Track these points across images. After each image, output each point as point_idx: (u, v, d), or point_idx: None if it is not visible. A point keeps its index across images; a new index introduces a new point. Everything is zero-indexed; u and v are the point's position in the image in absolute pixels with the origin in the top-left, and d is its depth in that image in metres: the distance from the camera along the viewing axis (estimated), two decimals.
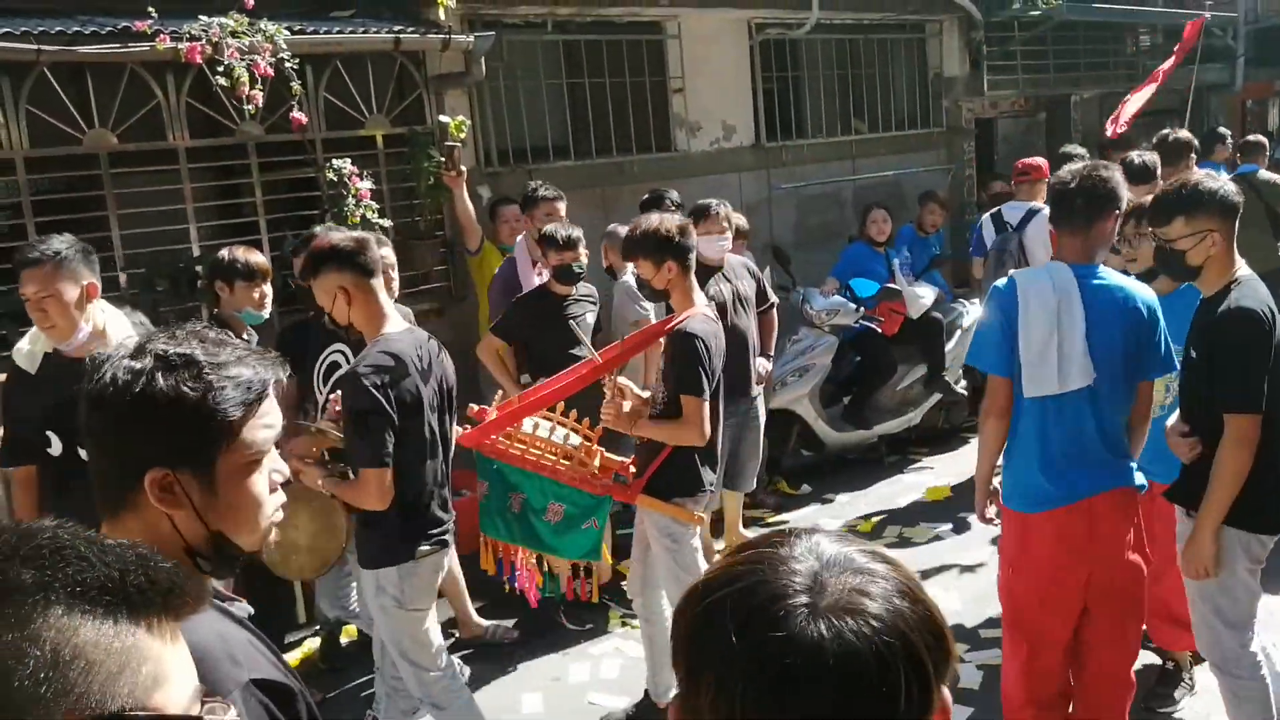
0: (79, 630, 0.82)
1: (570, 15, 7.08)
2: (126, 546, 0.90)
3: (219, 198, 6.15)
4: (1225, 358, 3.13)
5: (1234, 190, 3.21)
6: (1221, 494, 3.14)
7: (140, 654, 0.85)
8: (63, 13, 5.33)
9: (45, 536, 0.86)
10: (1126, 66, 11.38)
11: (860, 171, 9.12)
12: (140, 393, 1.41)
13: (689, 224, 4.04)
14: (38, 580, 0.82)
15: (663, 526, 4.00)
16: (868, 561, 0.96)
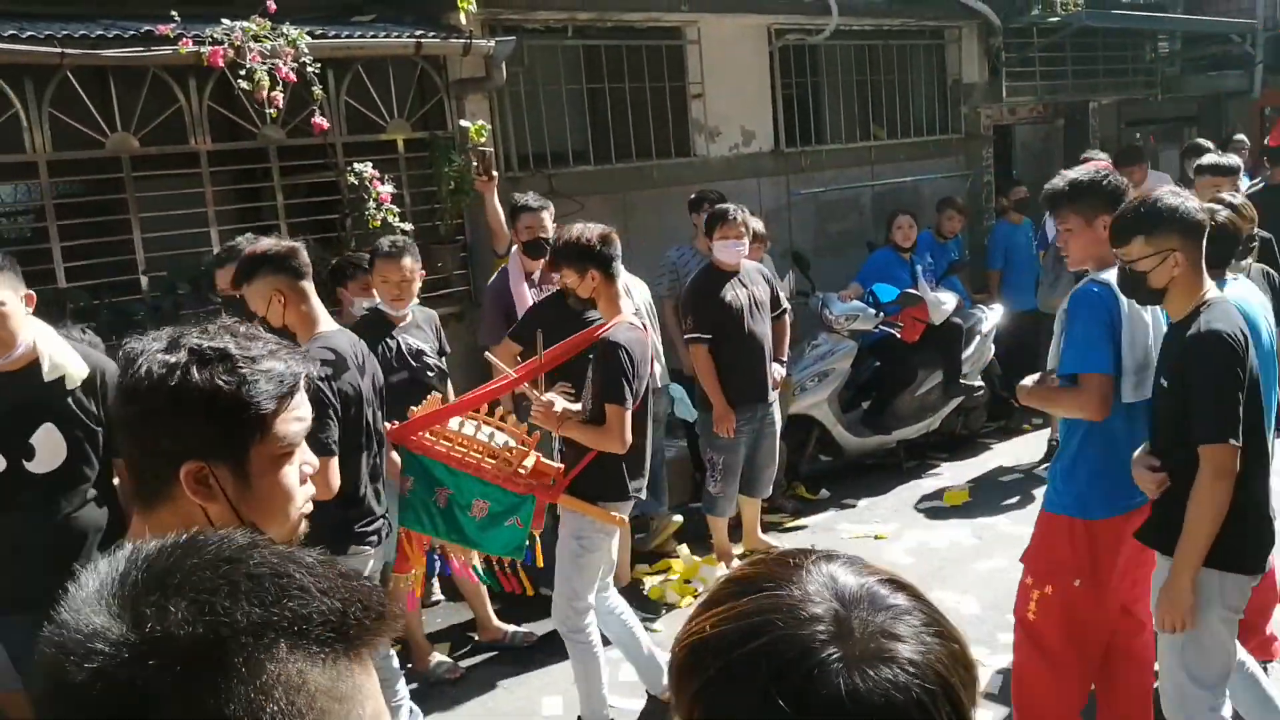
0: (308, 676, 0.74)
1: (590, 21, 7.09)
2: (335, 570, 0.81)
3: (240, 201, 6.17)
4: (1197, 385, 2.94)
5: (1197, 207, 3.04)
6: (1200, 533, 2.91)
7: (363, 694, 0.79)
8: (86, 16, 5.36)
9: (262, 566, 0.77)
10: (1145, 73, 11.33)
11: (879, 177, 9.10)
12: (176, 386, 1.43)
13: (611, 233, 4.09)
14: (264, 620, 0.74)
15: (576, 528, 4.06)
16: (889, 595, 0.89)
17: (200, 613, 0.71)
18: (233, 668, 0.70)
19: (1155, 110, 12.13)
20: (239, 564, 0.76)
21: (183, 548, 0.78)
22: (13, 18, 5.09)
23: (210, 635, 0.71)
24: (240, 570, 0.75)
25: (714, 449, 5.74)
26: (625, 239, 7.12)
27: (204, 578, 0.74)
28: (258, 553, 0.78)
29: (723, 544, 5.92)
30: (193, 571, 0.74)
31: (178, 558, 0.76)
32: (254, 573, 0.76)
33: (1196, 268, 3.02)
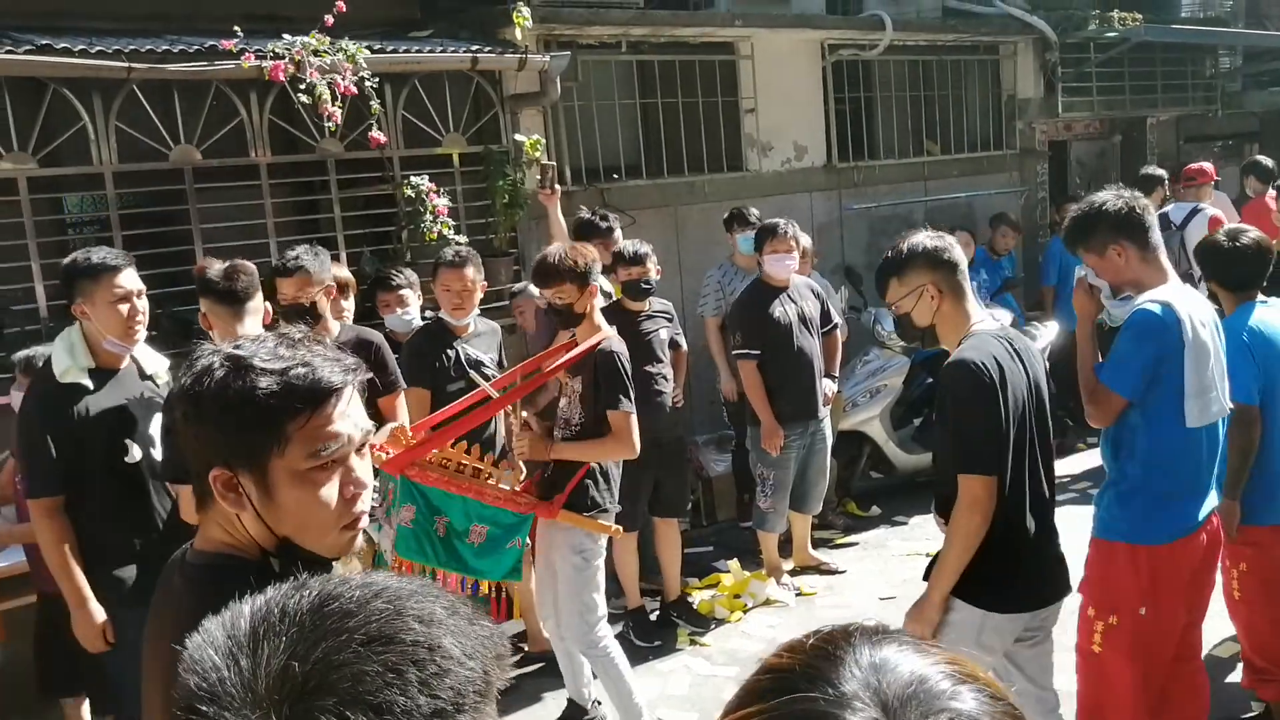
0: None
1: (644, 36, 7.12)
2: (470, 622, 0.80)
3: (298, 213, 6.26)
4: (950, 416, 2.93)
5: (943, 244, 3.02)
6: (952, 560, 2.92)
7: None
8: (152, 32, 5.48)
9: (419, 644, 0.75)
10: (1205, 89, 11.15)
11: (932, 193, 9.03)
12: (201, 392, 1.45)
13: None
14: (433, 709, 0.73)
15: (576, 544, 4.08)
16: (947, 691, 0.73)
17: (379, 717, 0.70)
18: None
19: (1215, 126, 11.92)
20: (395, 645, 0.74)
21: (324, 628, 0.74)
22: (82, 34, 5.22)
23: None
24: (400, 653, 0.73)
25: (765, 465, 5.72)
26: (676, 253, 7.19)
27: (371, 672, 0.72)
28: (406, 624, 0.75)
29: (773, 559, 5.89)
30: (355, 662, 0.72)
31: (330, 647, 0.73)
32: (415, 656, 0.74)
33: (958, 301, 3.02)
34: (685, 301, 7.04)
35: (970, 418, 2.89)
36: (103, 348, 3.45)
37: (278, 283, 4.06)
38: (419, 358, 4.60)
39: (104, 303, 3.38)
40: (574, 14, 6.69)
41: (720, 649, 5.23)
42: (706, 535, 6.66)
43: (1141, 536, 3.20)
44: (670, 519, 5.48)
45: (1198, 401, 3.13)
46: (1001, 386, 2.88)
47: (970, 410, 2.89)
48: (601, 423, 4.04)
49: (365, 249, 5.87)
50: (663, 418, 5.24)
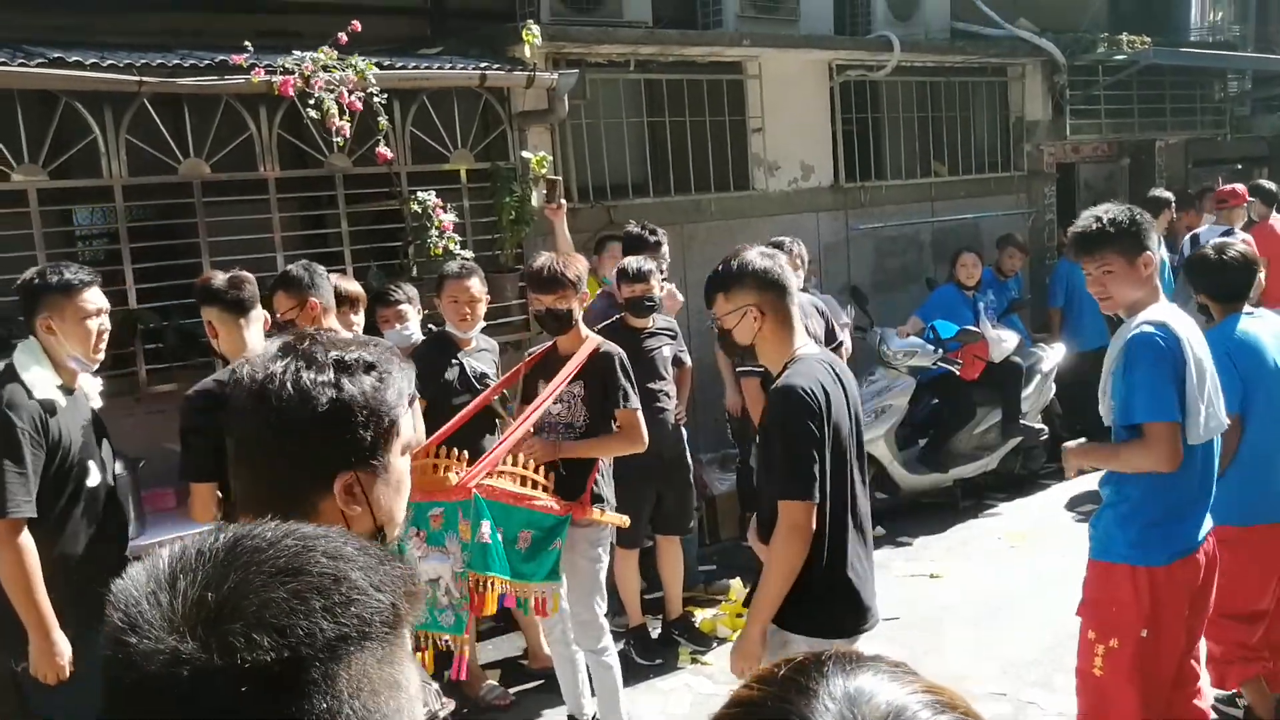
0: (372, 674, 0.79)
1: (652, 55, 7.15)
2: (377, 558, 0.84)
3: (305, 228, 6.30)
4: (773, 441, 2.92)
5: (776, 266, 3.00)
6: (772, 588, 2.91)
7: (408, 676, 0.83)
8: (164, 47, 5.53)
9: (325, 574, 0.79)
10: (1214, 112, 11.15)
11: (939, 214, 9.04)
12: (331, 399, 1.44)
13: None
14: (337, 634, 0.77)
15: (594, 540, 4.22)
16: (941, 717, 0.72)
17: (284, 639, 0.74)
18: (312, 683, 0.74)
19: (1224, 150, 11.92)
20: (302, 575, 0.78)
21: (237, 561, 0.78)
22: (94, 47, 5.26)
23: (293, 658, 0.74)
24: (306, 583, 0.77)
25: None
26: (682, 271, 7.20)
27: (279, 599, 0.76)
28: (313, 558, 0.80)
29: None
30: (263, 590, 0.76)
31: (241, 577, 0.77)
32: (320, 585, 0.78)
33: (782, 324, 3.01)
34: (690, 319, 7.05)
35: (793, 443, 2.89)
36: (66, 365, 3.39)
37: (276, 298, 4.09)
38: (425, 369, 4.61)
39: (74, 319, 3.34)
40: (583, 33, 6.72)
41: (722, 668, 5.19)
42: (709, 554, 6.64)
43: (1142, 558, 3.19)
44: (672, 536, 5.47)
45: (1197, 419, 3.12)
46: (826, 412, 2.89)
47: (795, 435, 2.89)
48: (606, 423, 4.21)
49: (372, 264, 5.89)
50: (666, 434, 5.23)
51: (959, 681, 4.62)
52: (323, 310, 4.09)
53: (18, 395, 3.27)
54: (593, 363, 4.17)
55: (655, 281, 5.17)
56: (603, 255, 6.25)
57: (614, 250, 6.21)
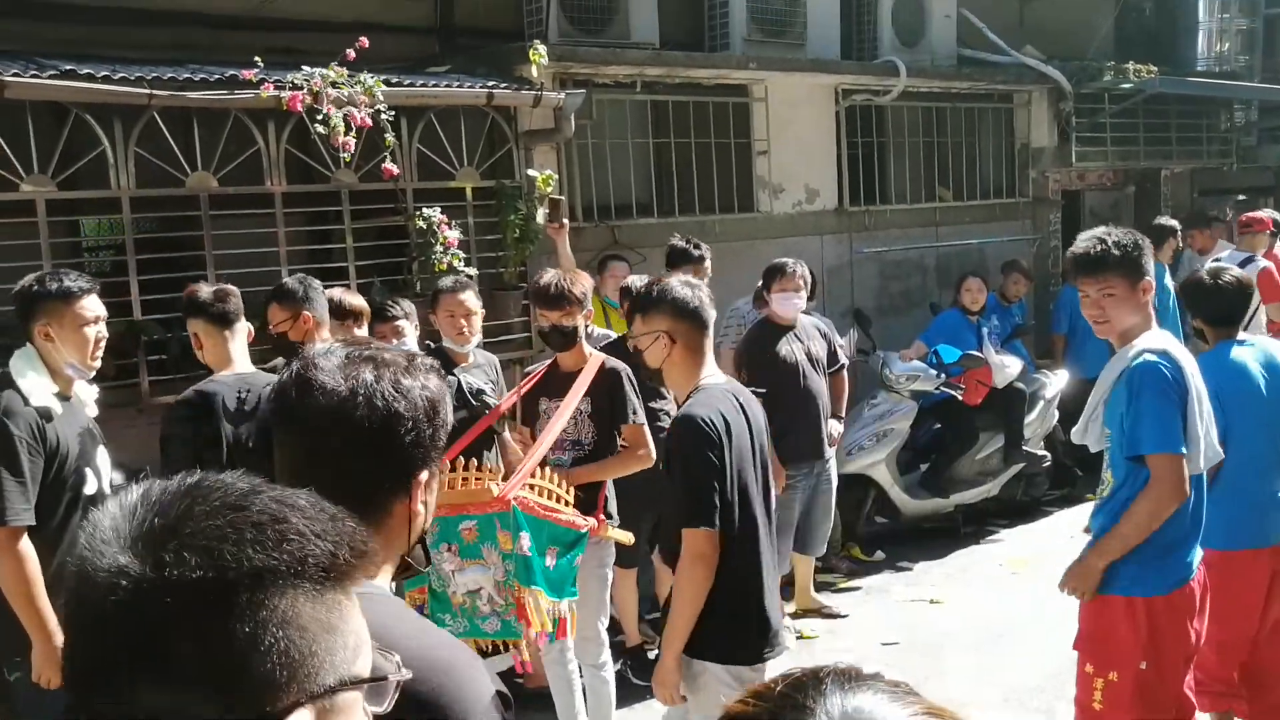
0: (302, 613, 0.84)
1: (659, 76, 7.19)
2: (326, 513, 0.90)
3: (311, 242, 6.32)
4: (677, 468, 2.96)
5: (696, 298, 3.06)
6: (677, 617, 2.96)
7: (347, 626, 0.88)
8: (175, 61, 5.57)
9: (264, 513, 0.85)
10: (1220, 142, 11.18)
11: (944, 239, 9.06)
12: (428, 399, 1.50)
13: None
14: (266, 564, 0.83)
15: (603, 557, 4.26)
16: None
17: (211, 559, 0.81)
18: (236, 606, 0.80)
19: (1230, 180, 11.95)
20: (244, 511, 0.85)
21: (190, 495, 0.86)
22: (106, 60, 5.30)
23: (218, 579, 0.80)
24: (245, 518, 0.84)
25: None
26: None
27: (214, 526, 0.83)
28: (259, 499, 0.86)
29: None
30: (203, 519, 0.83)
31: (187, 505, 0.85)
32: (257, 520, 0.84)
33: (693, 354, 3.08)
34: None
35: (696, 471, 2.92)
36: (63, 373, 3.38)
37: (270, 309, 4.10)
38: None
39: (72, 326, 3.35)
40: (590, 53, 6.76)
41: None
42: None
43: (1139, 589, 3.16)
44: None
45: (1199, 450, 3.11)
46: (727, 441, 2.93)
47: (695, 464, 2.92)
48: (613, 439, 4.22)
49: (376, 279, 5.90)
50: (664, 453, 5.23)
51: (960, 709, 4.57)
52: (315, 324, 4.08)
53: (14, 402, 3.25)
54: (600, 379, 4.19)
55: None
56: (604, 274, 6.27)
57: (615, 270, 6.23)
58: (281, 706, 0.82)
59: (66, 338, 3.35)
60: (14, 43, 5.47)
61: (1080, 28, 10.61)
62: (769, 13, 7.66)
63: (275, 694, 0.81)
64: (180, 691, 0.80)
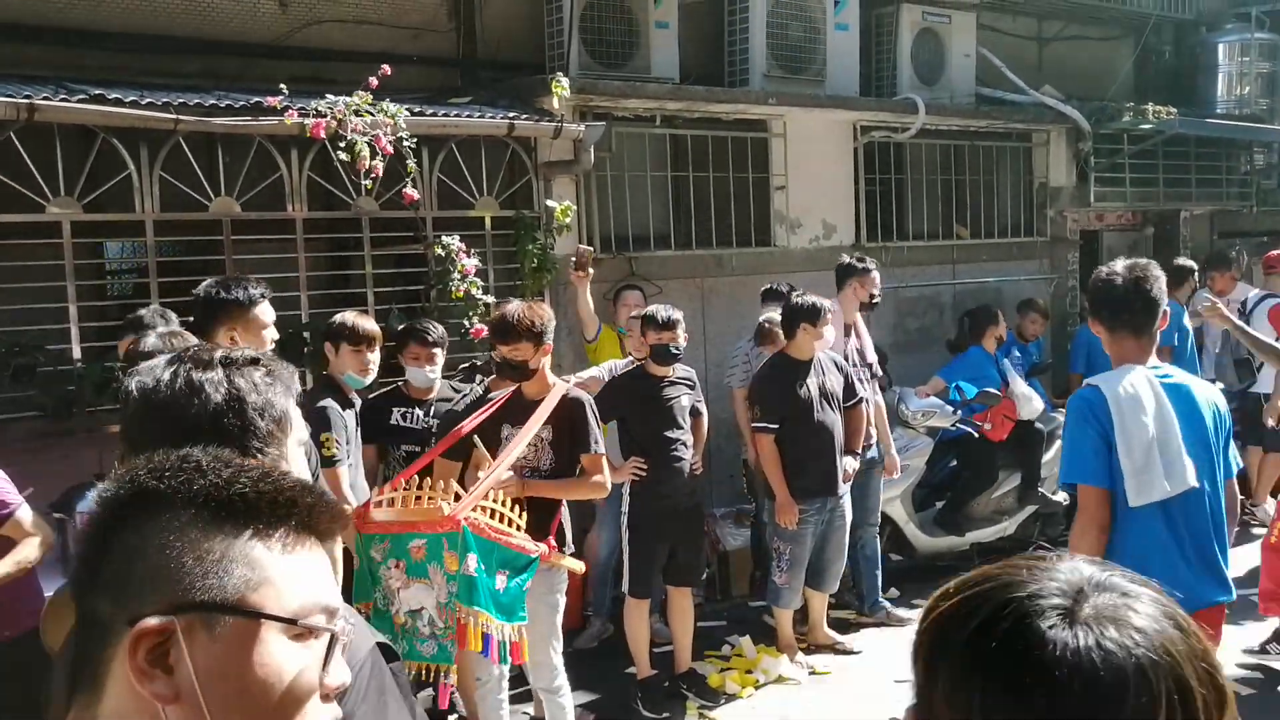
0: (184, 532, 0.98)
1: (678, 110, 7.25)
2: (253, 466, 1.04)
3: (330, 268, 6.37)
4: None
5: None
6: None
7: (237, 558, 0.98)
8: (201, 88, 5.65)
9: (176, 454, 1.03)
10: (1239, 184, 11.16)
11: (960, 277, 9.05)
12: (226, 393, 1.55)
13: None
14: (158, 489, 1.00)
15: (553, 583, 4.29)
16: (1133, 587, 0.89)
17: (126, 483, 1.02)
18: (130, 520, 0.99)
19: (1249, 222, 11.90)
20: (166, 455, 1.04)
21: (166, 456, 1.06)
22: (134, 86, 5.39)
23: (122, 497, 1.01)
24: (162, 458, 1.03)
25: (781, 539, 5.67)
26: (701, 324, 7.22)
27: (143, 463, 1.04)
28: (186, 450, 1.04)
29: (787, 636, 5.80)
30: (147, 462, 1.04)
31: (158, 459, 1.05)
32: (164, 458, 1.03)
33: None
34: (709, 371, 7.06)
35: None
36: None
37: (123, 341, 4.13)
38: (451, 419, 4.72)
39: (254, 330, 3.53)
40: (611, 86, 6.82)
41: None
42: (720, 609, 6.58)
43: None
44: (684, 588, 5.42)
45: (1135, 480, 3.09)
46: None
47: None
48: (572, 468, 4.28)
49: (394, 306, 5.94)
50: (681, 484, 5.22)
51: None
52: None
53: None
54: (562, 408, 4.25)
55: (681, 331, 5.20)
56: (618, 304, 6.30)
57: (628, 299, 6.26)
58: (147, 611, 0.94)
59: (250, 340, 3.49)
60: (46, 69, 5.56)
61: (1099, 69, 10.64)
62: (789, 49, 7.72)
63: (145, 600, 0.95)
64: (94, 593, 0.99)
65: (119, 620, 0.95)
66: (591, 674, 4.69)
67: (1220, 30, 11.19)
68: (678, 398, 5.28)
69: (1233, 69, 11.23)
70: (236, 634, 0.95)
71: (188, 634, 0.94)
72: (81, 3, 5.80)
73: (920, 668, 0.92)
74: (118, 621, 0.96)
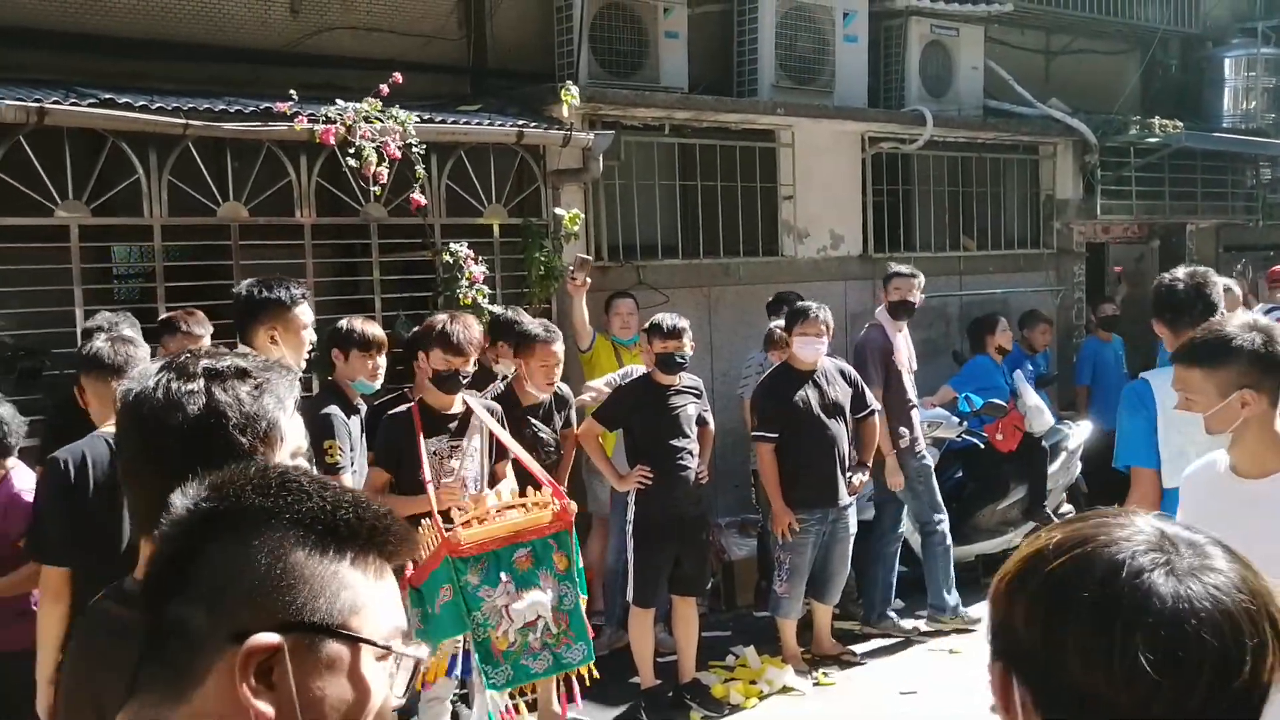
0: (291, 552, 0.99)
1: (687, 120, 7.25)
2: (346, 489, 1.06)
3: (338, 274, 6.37)
4: None
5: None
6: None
7: (341, 581, 1.00)
8: (212, 93, 5.66)
9: (277, 471, 1.05)
10: (1245, 198, 11.16)
11: (967, 288, 9.04)
12: (203, 405, 1.52)
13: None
14: (264, 506, 1.01)
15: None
16: (1212, 546, 0.97)
17: (221, 496, 1.02)
18: (234, 534, 0.99)
19: (1255, 236, 11.89)
20: (263, 471, 1.05)
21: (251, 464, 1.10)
22: (144, 91, 5.40)
23: (222, 510, 1.02)
24: (261, 472, 1.05)
25: (782, 549, 5.64)
26: (708, 333, 7.22)
27: (235, 476, 1.04)
28: (284, 468, 1.07)
29: (791, 647, 5.78)
30: (234, 475, 1.05)
31: (238, 470, 1.07)
32: (270, 475, 1.04)
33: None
34: (715, 381, 7.05)
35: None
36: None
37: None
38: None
39: (294, 330, 3.55)
40: (620, 95, 6.83)
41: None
42: (724, 619, 6.56)
43: None
44: (689, 597, 5.41)
45: (1175, 465, 3.24)
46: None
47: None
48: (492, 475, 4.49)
49: (400, 312, 5.94)
50: (686, 493, 5.21)
51: None
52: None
53: None
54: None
55: (687, 340, 5.18)
56: (610, 313, 6.28)
57: (620, 306, 6.25)
58: (253, 626, 0.95)
59: (289, 340, 3.51)
60: (57, 74, 5.58)
61: (1106, 82, 10.65)
62: (797, 60, 7.73)
63: (251, 614, 0.96)
64: (186, 604, 0.98)
65: (218, 633, 0.97)
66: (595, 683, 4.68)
67: (1226, 45, 11.21)
68: (684, 406, 5.26)
69: (1239, 83, 11.24)
70: (337, 656, 0.99)
71: (293, 653, 0.96)
72: (93, 8, 5.82)
73: (1037, 628, 0.96)
74: (216, 634, 0.97)
